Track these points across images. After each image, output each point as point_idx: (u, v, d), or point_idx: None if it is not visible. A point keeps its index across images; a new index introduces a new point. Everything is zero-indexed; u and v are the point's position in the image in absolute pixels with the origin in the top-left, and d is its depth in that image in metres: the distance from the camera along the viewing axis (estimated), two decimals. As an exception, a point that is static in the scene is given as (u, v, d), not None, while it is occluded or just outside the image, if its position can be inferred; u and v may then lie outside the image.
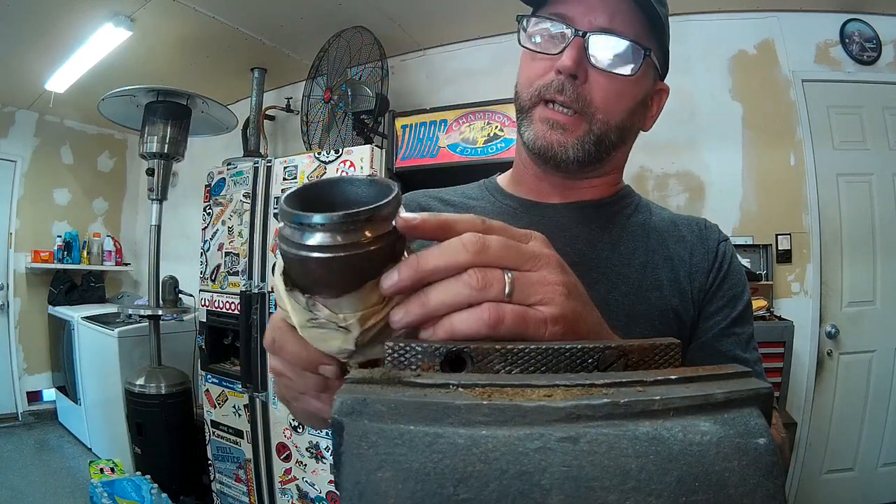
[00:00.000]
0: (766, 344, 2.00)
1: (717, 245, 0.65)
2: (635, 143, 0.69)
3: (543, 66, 0.59)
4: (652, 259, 0.62)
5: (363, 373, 0.28)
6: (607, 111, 0.59)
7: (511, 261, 0.32)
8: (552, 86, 0.58)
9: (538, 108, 0.59)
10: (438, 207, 0.68)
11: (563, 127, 0.58)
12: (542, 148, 0.59)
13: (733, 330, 0.61)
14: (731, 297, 0.62)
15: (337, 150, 2.18)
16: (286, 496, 2.24)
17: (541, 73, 0.59)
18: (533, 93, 0.59)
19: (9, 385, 3.70)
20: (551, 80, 0.58)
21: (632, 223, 0.65)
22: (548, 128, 0.58)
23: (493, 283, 0.31)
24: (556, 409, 0.23)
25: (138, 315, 2.91)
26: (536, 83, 0.59)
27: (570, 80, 0.57)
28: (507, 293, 0.31)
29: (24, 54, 2.88)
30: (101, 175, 4.31)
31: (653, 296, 0.59)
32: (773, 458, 0.23)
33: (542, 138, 0.59)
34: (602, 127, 0.59)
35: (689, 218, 0.68)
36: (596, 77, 0.57)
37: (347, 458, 0.23)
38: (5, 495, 2.64)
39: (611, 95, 0.58)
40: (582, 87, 0.57)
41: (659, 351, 0.31)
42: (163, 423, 2.50)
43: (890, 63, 2.42)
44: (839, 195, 2.42)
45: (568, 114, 0.58)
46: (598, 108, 0.58)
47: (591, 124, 0.59)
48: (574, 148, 0.59)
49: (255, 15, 2.68)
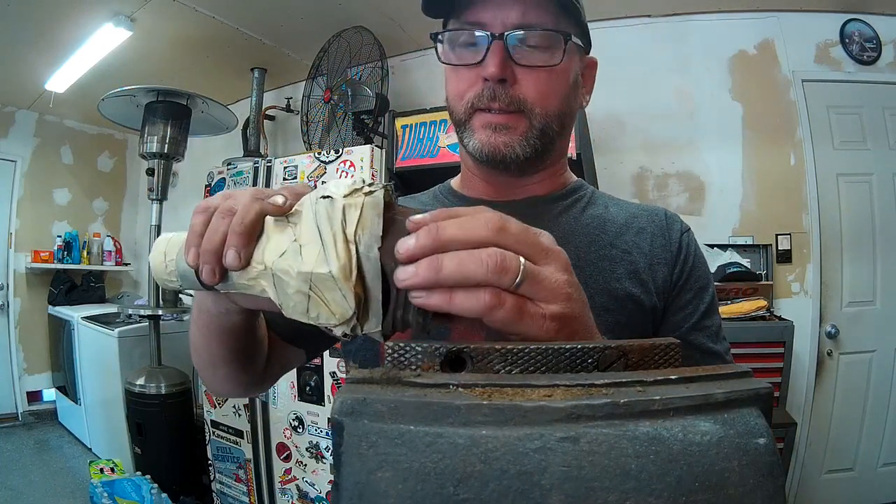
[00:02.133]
0: (766, 344, 2.00)
1: (680, 237, 0.64)
2: (635, 144, 0.69)
3: (470, 77, 0.59)
4: (609, 253, 0.61)
5: (363, 373, 0.28)
6: (544, 104, 0.59)
7: (527, 249, 0.32)
8: (484, 95, 0.57)
9: (476, 116, 0.59)
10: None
11: (505, 127, 0.58)
12: (490, 153, 0.59)
13: (703, 323, 0.61)
14: (698, 289, 0.62)
15: (337, 150, 2.19)
16: (286, 496, 2.24)
17: (469, 84, 0.59)
18: (466, 105, 0.59)
19: (9, 385, 3.70)
20: (481, 88, 0.57)
21: (586, 216, 0.65)
22: (491, 132, 0.58)
23: (508, 269, 0.31)
24: (556, 409, 0.23)
25: (138, 315, 2.91)
26: (467, 95, 0.59)
27: (499, 85, 0.57)
28: (517, 282, 0.31)
29: (24, 54, 2.88)
30: (101, 175, 4.31)
31: (611, 287, 0.59)
32: (773, 459, 0.23)
33: (487, 144, 0.58)
34: (542, 120, 0.59)
35: (649, 208, 0.67)
36: (524, 75, 0.57)
37: (347, 458, 0.23)
38: (5, 495, 2.64)
39: (543, 88, 0.58)
40: (513, 88, 0.57)
41: (659, 351, 0.31)
42: (163, 423, 2.50)
43: (890, 63, 2.42)
44: (839, 195, 2.42)
45: (507, 114, 0.58)
46: (534, 103, 0.58)
47: (532, 119, 0.58)
48: (521, 145, 0.59)
49: (255, 15, 2.68)
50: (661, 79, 2.56)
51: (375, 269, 0.32)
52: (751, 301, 2.11)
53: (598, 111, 2.46)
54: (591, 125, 2.31)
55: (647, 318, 0.60)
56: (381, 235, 0.32)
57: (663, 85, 2.56)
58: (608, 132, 2.57)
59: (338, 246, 0.31)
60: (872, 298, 2.41)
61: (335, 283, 0.31)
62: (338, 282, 0.31)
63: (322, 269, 0.31)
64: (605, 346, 0.30)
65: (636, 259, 0.61)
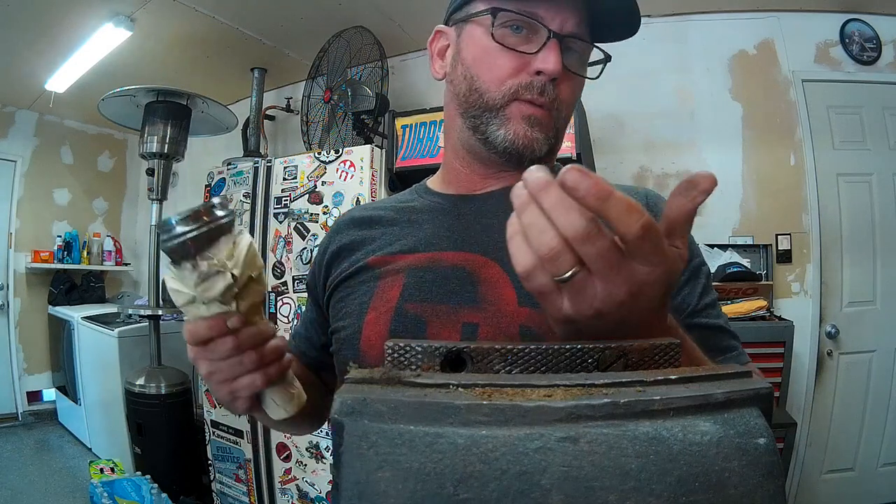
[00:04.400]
0: (766, 344, 2.00)
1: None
2: (635, 144, 0.69)
3: (514, 64, 0.57)
4: None
5: (363, 373, 0.28)
6: (568, 108, 0.61)
7: (596, 268, 0.31)
8: (533, 87, 0.57)
9: (514, 105, 0.58)
10: (373, 216, 0.69)
11: (540, 123, 0.58)
12: (524, 146, 0.58)
13: (703, 301, 0.61)
14: (693, 270, 0.61)
15: (337, 150, 2.18)
16: (286, 496, 2.24)
17: (512, 71, 0.57)
18: (507, 91, 0.57)
19: (9, 385, 3.70)
20: (530, 80, 0.57)
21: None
22: (528, 125, 0.58)
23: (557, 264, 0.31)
24: (556, 409, 0.23)
25: (138, 315, 2.91)
26: (510, 82, 0.57)
27: (551, 82, 0.57)
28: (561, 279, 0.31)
29: (24, 54, 2.88)
30: (101, 175, 4.31)
31: None
32: (773, 459, 0.23)
33: (524, 137, 0.58)
34: (563, 122, 0.61)
35: (629, 188, 0.66)
36: (565, 79, 0.58)
37: (347, 458, 0.23)
38: (5, 495, 2.63)
39: (574, 95, 0.61)
40: (557, 88, 0.58)
41: (659, 351, 0.31)
42: (163, 423, 2.49)
43: (890, 63, 2.42)
44: (839, 195, 2.42)
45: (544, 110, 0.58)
46: (565, 106, 0.60)
47: (557, 120, 0.60)
48: (546, 143, 0.59)
49: (255, 15, 2.68)
50: (661, 79, 2.56)
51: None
52: (751, 301, 2.10)
53: (598, 111, 2.46)
54: (591, 125, 2.31)
55: None
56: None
57: (663, 85, 2.56)
58: (608, 132, 2.57)
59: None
60: (872, 298, 2.41)
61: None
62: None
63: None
64: (605, 346, 0.30)
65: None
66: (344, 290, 0.65)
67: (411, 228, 0.65)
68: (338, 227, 0.72)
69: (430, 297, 0.58)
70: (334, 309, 0.66)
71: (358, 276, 0.64)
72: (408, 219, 0.66)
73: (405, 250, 0.63)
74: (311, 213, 2.21)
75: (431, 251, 0.61)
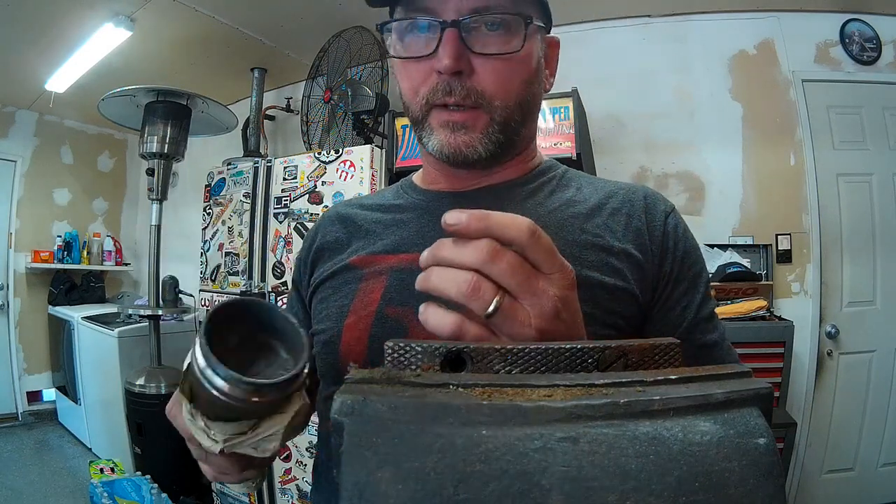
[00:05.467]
0: (766, 344, 2.00)
1: (665, 220, 0.59)
2: (635, 144, 0.68)
3: (423, 69, 0.54)
4: (578, 238, 0.56)
5: (363, 373, 0.28)
6: (504, 95, 0.54)
7: (514, 285, 0.33)
8: (439, 89, 0.52)
9: (433, 113, 0.55)
10: (358, 215, 0.67)
11: (464, 126, 0.54)
12: (451, 154, 0.55)
13: (701, 315, 0.58)
14: (692, 278, 0.58)
15: (337, 150, 2.19)
16: (286, 496, 2.24)
17: (423, 77, 0.54)
18: (421, 102, 0.54)
19: (9, 385, 3.70)
20: (436, 82, 0.53)
21: (553, 200, 0.61)
22: (449, 132, 0.54)
23: (480, 299, 0.33)
24: (556, 409, 0.23)
25: (138, 315, 2.91)
26: (422, 91, 0.54)
27: (455, 78, 0.52)
28: (489, 312, 0.33)
29: (24, 54, 2.89)
30: (101, 175, 4.31)
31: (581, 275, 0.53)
32: (773, 459, 0.23)
33: (448, 145, 0.54)
34: (503, 113, 0.54)
35: (627, 186, 0.62)
36: (482, 64, 0.52)
37: (347, 458, 0.23)
38: (5, 495, 2.63)
39: (503, 78, 0.53)
40: (470, 79, 0.52)
41: (659, 351, 0.31)
42: (163, 423, 2.45)
43: (890, 63, 2.42)
44: (839, 195, 2.42)
45: (465, 110, 0.53)
46: (493, 95, 0.53)
47: (492, 114, 0.54)
48: (482, 144, 0.54)
49: (255, 15, 2.68)
50: (661, 79, 2.56)
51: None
52: (751, 301, 2.11)
53: (598, 111, 2.46)
54: (591, 125, 2.31)
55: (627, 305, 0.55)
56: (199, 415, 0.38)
57: (663, 85, 2.56)
58: (608, 132, 2.57)
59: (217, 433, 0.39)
60: (872, 298, 2.41)
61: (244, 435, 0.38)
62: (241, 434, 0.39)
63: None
64: (605, 346, 0.30)
65: (609, 244, 0.56)
66: (325, 291, 0.63)
67: (396, 227, 0.63)
68: (322, 223, 0.70)
69: (412, 300, 0.54)
70: (316, 310, 0.64)
71: (340, 276, 0.62)
72: (392, 217, 0.64)
73: (389, 250, 0.61)
74: (311, 213, 2.21)
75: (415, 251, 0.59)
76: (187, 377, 0.36)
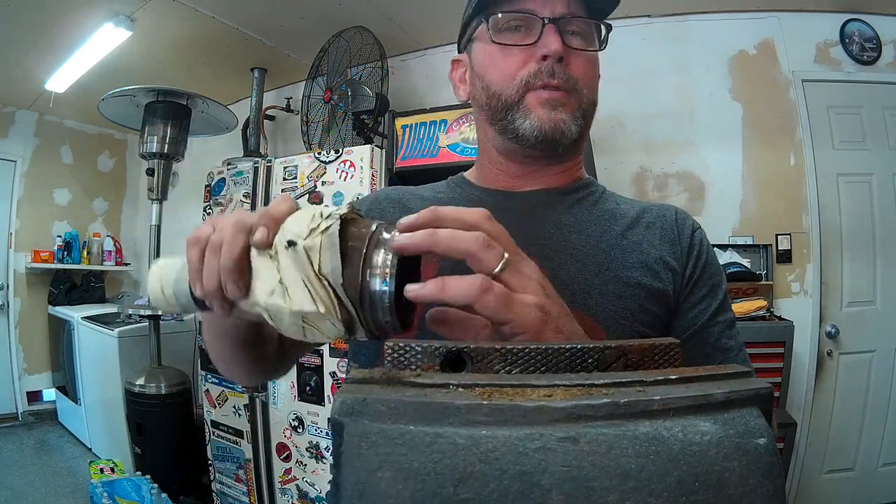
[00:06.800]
0: (766, 344, 2.00)
1: (692, 234, 0.65)
2: (635, 144, 0.70)
3: (520, 59, 0.59)
4: (619, 243, 0.62)
5: (363, 373, 0.28)
6: (588, 87, 0.61)
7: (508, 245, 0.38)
8: (542, 72, 0.58)
9: (529, 95, 0.59)
10: (412, 199, 0.70)
11: (562, 104, 0.59)
12: (550, 130, 0.59)
13: (717, 318, 0.62)
14: (712, 285, 0.63)
15: (337, 150, 2.18)
16: (286, 496, 2.24)
17: (520, 64, 0.59)
18: (519, 85, 0.59)
19: (9, 385, 3.70)
20: (537, 67, 0.58)
21: (598, 209, 0.66)
22: (549, 109, 0.59)
23: (493, 250, 0.36)
24: (556, 409, 0.23)
25: (138, 315, 2.91)
26: (520, 74, 0.59)
27: (558, 63, 0.58)
28: (501, 266, 0.36)
29: (24, 54, 2.88)
30: (101, 175, 4.31)
31: (623, 275, 0.59)
32: (773, 459, 0.23)
33: (548, 121, 0.59)
34: (587, 102, 0.62)
35: (659, 205, 0.69)
36: (573, 57, 0.60)
37: (347, 458, 0.23)
38: (5, 495, 2.64)
39: (588, 71, 0.61)
40: (567, 68, 0.59)
41: (659, 351, 0.31)
42: (163, 423, 2.50)
43: (890, 63, 2.42)
44: (839, 195, 2.42)
45: (562, 92, 0.59)
46: (583, 84, 0.60)
47: (580, 101, 0.61)
48: (574, 124, 0.60)
49: (255, 15, 2.68)
50: (661, 79, 2.56)
51: (345, 296, 0.37)
52: (751, 301, 2.11)
53: (598, 111, 2.42)
54: (592, 125, 2.31)
55: (660, 306, 0.60)
56: (340, 268, 0.36)
57: (663, 85, 2.56)
58: (608, 132, 2.57)
59: (317, 287, 0.36)
60: (872, 298, 2.41)
61: (324, 317, 0.36)
62: (327, 316, 0.36)
63: (310, 308, 0.36)
64: (605, 346, 0.30)
65: (646, 250, 0.62)
66: None
67: None
68: (378, 203, 0.71)
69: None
70: None
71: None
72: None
73: None
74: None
75: None
76: (354, 248, 0.36)
